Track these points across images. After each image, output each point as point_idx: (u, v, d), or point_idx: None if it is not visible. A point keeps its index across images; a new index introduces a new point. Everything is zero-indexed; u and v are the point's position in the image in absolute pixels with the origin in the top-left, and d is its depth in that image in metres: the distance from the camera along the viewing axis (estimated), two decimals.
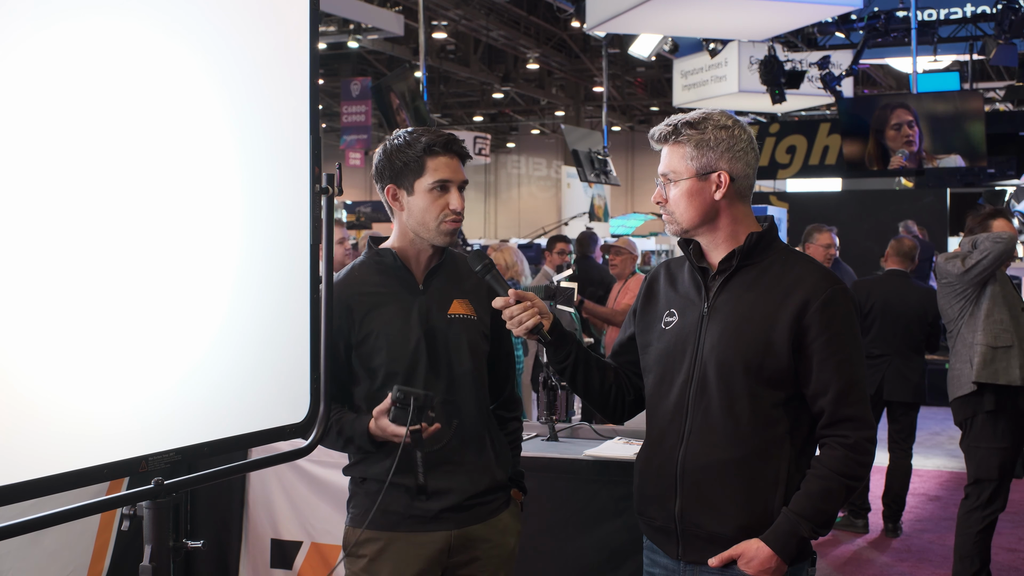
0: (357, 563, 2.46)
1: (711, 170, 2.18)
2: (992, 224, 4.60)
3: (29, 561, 3.25)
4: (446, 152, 2.43)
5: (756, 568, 2.10)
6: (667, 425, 2.23)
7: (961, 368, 4.61)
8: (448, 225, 2.45)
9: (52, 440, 1.56)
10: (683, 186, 2.20)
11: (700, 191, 2.19)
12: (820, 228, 6.42)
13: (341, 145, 17.94)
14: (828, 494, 2.12)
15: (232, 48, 1.87)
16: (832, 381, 2.12)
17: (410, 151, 2.42)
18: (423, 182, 2.42)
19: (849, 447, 2.12)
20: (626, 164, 29.64)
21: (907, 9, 11.19)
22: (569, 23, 18.26)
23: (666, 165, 2.23)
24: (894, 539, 5.86)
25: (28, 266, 1.51)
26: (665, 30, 11.28)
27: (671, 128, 2.22)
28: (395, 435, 2.28)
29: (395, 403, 2.26)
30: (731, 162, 2.19)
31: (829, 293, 2.15)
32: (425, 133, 2.45)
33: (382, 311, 2.44)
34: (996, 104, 18.47)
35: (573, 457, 3.51)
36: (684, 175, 2.19)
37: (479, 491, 2.46)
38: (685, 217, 2.21)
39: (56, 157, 1.54)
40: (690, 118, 2.22)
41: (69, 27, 1.56)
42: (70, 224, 1.57)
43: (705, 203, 2.20)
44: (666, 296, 2.32)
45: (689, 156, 2.19)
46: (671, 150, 2.22)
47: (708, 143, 2.18)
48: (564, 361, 2.35)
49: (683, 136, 2.20)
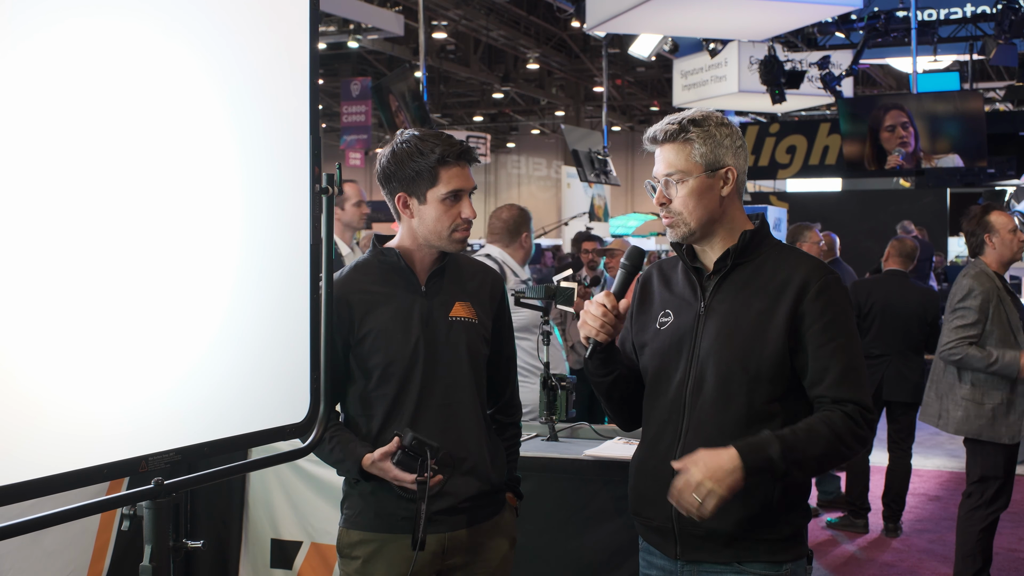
0: (351, 564, 2.46)
1: (720, 166, 2.18)
2: (989, 219, 4.52)
3: (29, 561, 3.25)
4: (460, 162, 2.42)
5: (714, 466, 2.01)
6: (663, 425, 2.23)
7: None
8: (461, 234, 2.45)
9: (52, 440, 1.56)
10: (692, 184, 2.17)
11: (709, 189, 2.18)
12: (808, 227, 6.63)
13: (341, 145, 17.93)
14: (812, 436, 2.07)
15: (232, 48, 1.87)
16: (830, 366, 2.11)
17: (423, 160, 2.39)
18: (436, 192, 2.40)
19: (847, 414, 2.10)
20: (626, 164, 29.62)
21: (907, 9, 11.19)
22: (569, 23, 18.25)
23: (670, 165, 2.19)
24: (894, 539, 5.86)
25: (28, 266, 1.51)
26: (665, 30, 11.28)
27: (677, 126, 2.19)
28: (396, 479, 2.29)
29: (406, 449, 2.23)
30: (735, 158, 2.20)
31: (823, 281, 2.15)
32: (438, 142, 2.41)
33: (383, 310, 2.44)
34: (996, 104, 18.47)
35: (573, 457, 3.51)
36: (693, 173, 2.17)
37: (473, 495, 2.44)
38: (694, 217, 2.18)
39: (57, 158, 1.54)
40: (693, 116, 2.20)
41: (69, 27, 1.56)
42: (70, 224, 1.57)
43: (714, 201, 2.19)
44: (660, 297, 2.31)
45: (698, 153, 2.17)
46: (676, 149, 2.19)
47: (715, 139, 2.18)
48: (607, 376, 2.30)
49: (691, 134, 2.17)
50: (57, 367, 1.56)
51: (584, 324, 2.20)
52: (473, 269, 2.61)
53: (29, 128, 1.50)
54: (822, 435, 2.07)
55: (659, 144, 2.23)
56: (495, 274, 2.67)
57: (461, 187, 2.42)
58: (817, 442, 2.07)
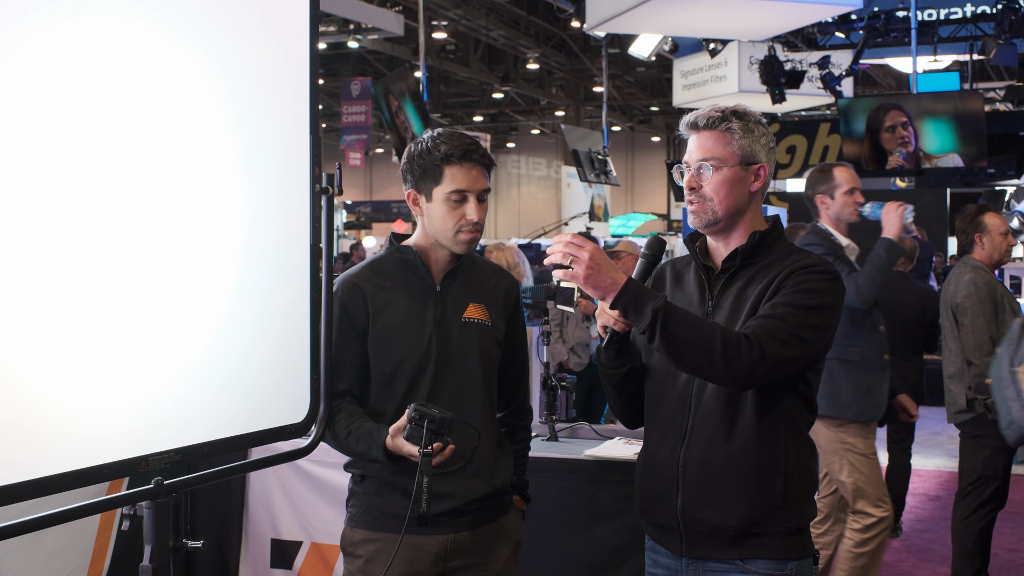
0: (354, 563, 2.45)
1: (755, 161, 2.19)
2: (983, 220, 4.54)
3: (29, 561, 3.25)
4: (465, 160, 2.38)
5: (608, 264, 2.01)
6: (669, 423, 2.23)
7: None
8: (465, 235, 2.41)
9: (52, 440, 1.56)
10: (727, 173, 2.18)
11: (741, 181, 2.19)
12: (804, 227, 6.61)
13: (341, 145, 17.95)
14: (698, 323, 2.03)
15: (232, 48, 1.87)
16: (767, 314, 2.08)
17: (429, 158, 2.38)
18: (441, 190, 2.39)
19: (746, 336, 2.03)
20: (626, 164, 29.62)
21: (907, 9, 11.19)
22: (569, 23, 18.25)
23: (707, 151, 2.19)
24: (894, 539, 5.86)
25: (28, 266, 1.51)
26: (665, 30, 11.29)
27: (720, 115, 2.19)
28: (410, 454, 2.23)
29: (410, 422, 2.20)
30: (768, 157, 2.22)
31: (808, 261, 2.15)
32: (447, 139, 2.40)
33: (397, 306, 2.43)
34: (996, 104, 18.48)
35: (573, 457, 3.51)
36: (729, 162, 2.18)
37: (478, 497, 2.43)
38: (723, 205, 2.18)
39: (58, 158, 1.55)
40: (736, 108, 2.21)
41: (69, 27, 1.56)
42: (71, 225, 1.57)
43: (743, 194, 2.20)
44: (671, 295, 2.32)
45: (737, 144, 2.18)
46: (716, 136, 2.19)
47: (754, 134, 2.19)
48: (621, 368, 2.29)
49: (733, 124, 2.18)
50: (57, 367, 1.56)
51: (602, 312, 2.19)
52: (489, 271, 2.60)
53: (28, 128, 1.50)
54: (707, 329, 2.03)
55: (698, 130, 2.23)
56: (511, 277, 2.66)
57: (465, 187, 2.38)
58: (699, 329, 2.03)
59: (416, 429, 2.19)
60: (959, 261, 4.68)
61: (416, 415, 2.19)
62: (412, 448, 2.21)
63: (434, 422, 2.17)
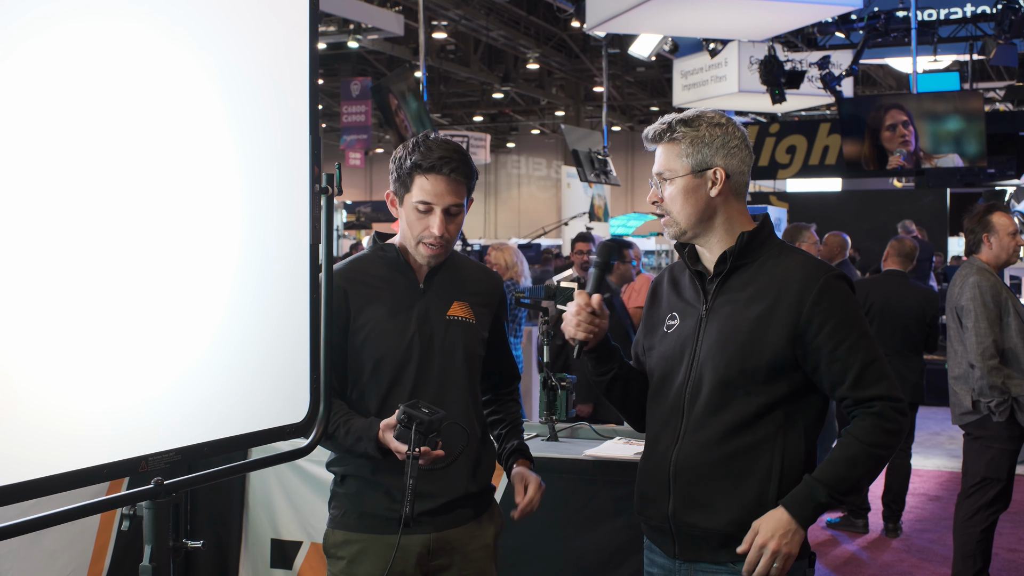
0: (337, 564, 2.45)
1: (707, 167, 2.19)
2: (991, 219, 4.52)
3: (29, 561, 3.25)
4: (433, 172, 2.35)
5: (772, 527, 2.08)
6: (663, 427, 2.25)
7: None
8: (425, 248, 2.39)
9: (52, 440, 1.56)
10: (679, 184, 2.20)
11: (696, 188, 2.19)
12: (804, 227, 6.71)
13: (341, 145, 17.96)
14: (850, 461, 2.12)
15: (232, 48, 1.87)
16: (848, 366, 2.12)
17: (404, 163, 2.38)
18: (410, 198, 2.39)
19: (875, 415, 2.12)
20: (626, 164, 29.62)
21: (907, 9, 11.20)
22: (569, 23, 18.26)
23: (661, 164, 2.23)
24: (894, 539, 5.86)
25: (28, 266, 1.51)
26: (665, 30, 11.29)
27: (665, 126, 2.22)
28: (398, 451, 2.24)
29: (399, 423, 2.20)
30: (726, 159, 2.20)
31: (823, 283, 2.15)
32: (425, 148, 2.37)
33: (379, 304, 2.42)
34: (996, 104, 18.48)
35: (573, 457, 3.52)
36: (680, 172, 2.19)
37: (460, 495, 2.43)
38: (682, 215, 2.20)
39: (58, 158, 1.54)
40: (684, 116, 2.23)
41: (69, 28, 1.56)
42: (70, 225, 1.57)
43: (701, 201, 2.20)
44: (668, 300, 2.33)
45: (685, 153, 2.19)
46: (666, 148, 2.22)
47: (703, 140, 2.19)
48: (604, 376, 2.33)
49: (678, 133, 2.20)
50: (57, 367, 1.56)
51: (565, 325, 2.26)
52: (473, 270, 2.60)
53: (28, 129, 1.50)
54: (859, 455, 2.12)
55: (652, 143, 2.27)
56: (496, 276, 2.66)
57: (430, 200, 2.35)
58: (856, 464, 2.12)
59: (405, 431, 2.19)
60: (965, 262, 4.67)
61: (405, 417, 2.18)
62: (400, 445, 2.22)
63: (423, 425, 2.17)
